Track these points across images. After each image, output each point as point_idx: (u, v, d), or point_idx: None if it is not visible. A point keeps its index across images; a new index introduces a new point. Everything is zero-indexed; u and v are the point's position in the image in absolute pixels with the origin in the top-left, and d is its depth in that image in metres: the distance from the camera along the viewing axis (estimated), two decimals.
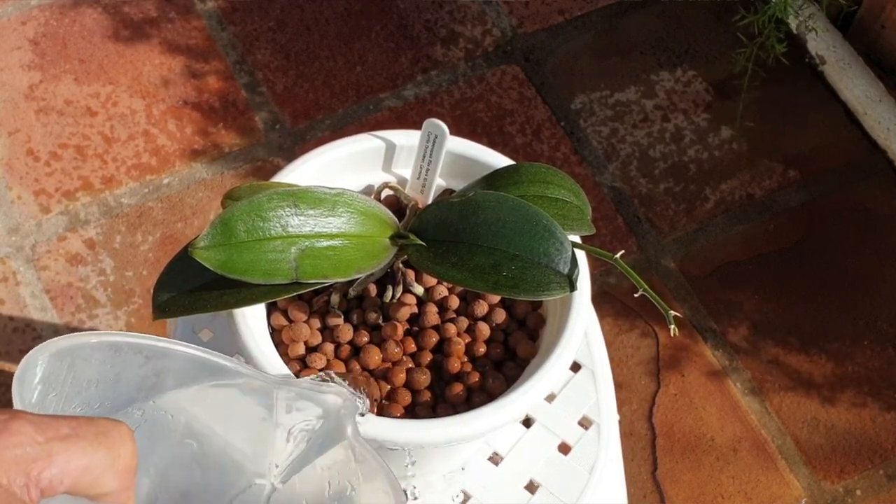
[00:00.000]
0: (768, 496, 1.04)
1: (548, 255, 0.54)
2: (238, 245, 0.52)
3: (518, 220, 0.54)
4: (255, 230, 0.53)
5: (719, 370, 1.10)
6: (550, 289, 0.53)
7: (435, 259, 0.55)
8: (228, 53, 1.26)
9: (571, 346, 0.58)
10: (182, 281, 0.55)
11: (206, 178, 1.19)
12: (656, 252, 1.16)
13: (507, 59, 1.27)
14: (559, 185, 0.59)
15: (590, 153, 1.21)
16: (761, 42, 1.15)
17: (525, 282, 0.53)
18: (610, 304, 1.12)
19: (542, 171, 0.59)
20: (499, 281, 0.53)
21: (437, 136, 0.61)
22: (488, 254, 0.54)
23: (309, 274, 0.54)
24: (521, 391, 0.56)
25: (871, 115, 1.22)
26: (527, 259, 0.53)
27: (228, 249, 0.52)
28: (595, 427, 0.67)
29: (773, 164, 1.22)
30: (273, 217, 0.53)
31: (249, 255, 0.53)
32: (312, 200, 0.54)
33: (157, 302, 0.56)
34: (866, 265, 1.16)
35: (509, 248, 0.54)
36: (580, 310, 0.59)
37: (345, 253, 0.55)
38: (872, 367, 1.10)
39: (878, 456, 1.06)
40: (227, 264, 0.52)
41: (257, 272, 0.53)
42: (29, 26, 1.28)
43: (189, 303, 0.55)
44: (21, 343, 1.09)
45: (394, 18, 1.30)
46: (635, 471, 1.05)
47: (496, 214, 0.54)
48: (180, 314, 0.55)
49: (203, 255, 0.52)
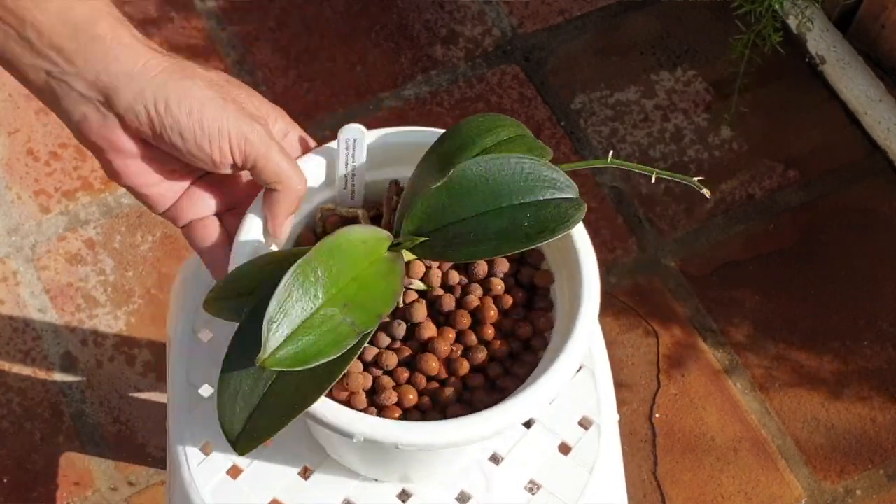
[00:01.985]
0: (768, 496, 1.04)
1: (552, 187, 0.54)
2: (297, 332, 0.50)
3: (506, 172, 0.54)
4: (302, 310, 0.51)
5: (719, 370, 1.10)
6: (571, 216, 0.53)
7: (450, 246, 0.54)
8: (228, 53, 1.26)
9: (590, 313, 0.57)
10: (244, 404, 0.52)
11: None
12: (657, 252, 1.16)
13: (507, 58, 1.27)
14: (504, 126, 0.58)
15: (590, 153, 1.21)
16: (758, 30, 1.15)
17: (548, 220, 0.53)
18: (610, 303, 1.12)
19: (485, 121, 0.58)
20: (528, 234, 0.53)
21: (357, 140, 0.59)
22: (499, 215, 0.54)
23: (367, 321, 0.52)
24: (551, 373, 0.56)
25: (871, 115, 1.22)
26: (536, 202, 0.53)
27: (292, 342, 0.50)
28: (595, 427, 0.67)
29: (774, 163, 1.22)
30: (306, 290, 0.51)
31: (310, 334, 0.50)
32: (323, 257, 0.52)
33: (236, 439, 0.52)
34: (866, 265, 1.16)
35: (514, 200, 0.54)
36: (590, 266, 0.59)
37: (377, 285, 0.53)
38: (872, 366, 1.10)
39: (878, 456, 1.06)
40: (299, 356, 0.50)
41: (328, 346, 0.50)
42: None
43: (271, 422, 0.51)
44: (21, 343, 1.09)
45: (394, 18, 1.30)
46: (636, 470, 1.05)
47: (484, 178, 0.54)
48: (268, 437, 0.51)
49: (278, 362, 0.49)
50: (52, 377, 1.08)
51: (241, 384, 0.52)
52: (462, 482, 0.66)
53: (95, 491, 1.03)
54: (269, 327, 0.49)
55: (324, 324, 0.51)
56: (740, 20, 1.16)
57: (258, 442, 0.51)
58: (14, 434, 1.05)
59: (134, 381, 1.07)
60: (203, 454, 0.65)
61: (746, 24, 1.16)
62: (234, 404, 0.52)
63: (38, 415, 1.06)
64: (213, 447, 0.66)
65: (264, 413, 0.51)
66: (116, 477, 1.04)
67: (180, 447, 0.65)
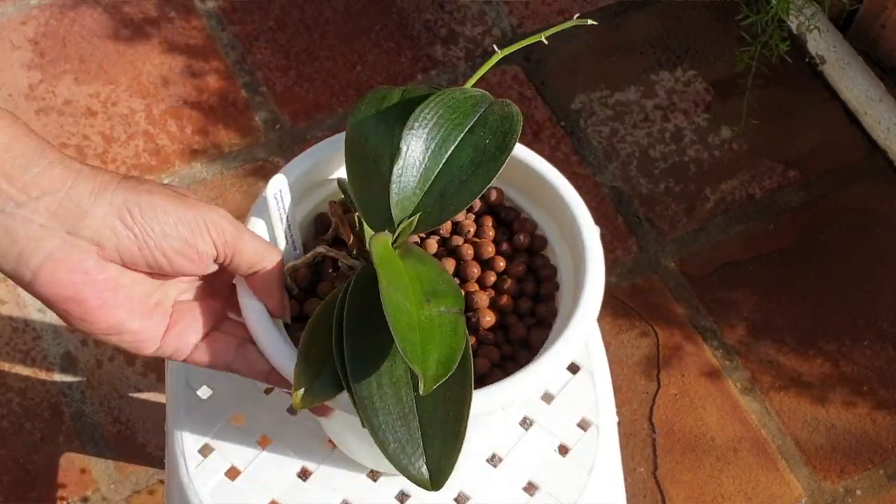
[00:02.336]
0: (768, 496, 1.04)
1: (476, 103, 0.57)
2: (427, 347, 0.49)
3: (441, 114, 0.56)
4: (421, 329, 0.50)
5: (719, 370, 1.10)
6: (509, 112, 0.56)
7: (444, 203, 0.55)
8: (228, 53, 1.26)
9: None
10: (413, 447, 0.50)
11: (205, 178, 1.19)
12: (656, 252, 1.16)
13: (507, 58, 1.27)
14: (390, 93, 0.60)
15: (590, 153, 1.21)
16: (764, 41, 1.15)
17: (498, 128, 0.56)
18: (609, 303, 1.12)
19: (374, 97, 0.59)
20: (497, 147, 0.55)
21: (282, 191, 0.58)
22: (462, 150, 0.56)
23: (456, 299, 0.53)
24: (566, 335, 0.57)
25: (872, 115, 1.22)
26: (477, 121, 0.56)
27: (431, 354, 0.49)
28: (594, 428, 0.67)
29: (774, 163, 1.22)
30: (402, 310, 0.50)
31: (434, 339, 0.49)
32: (386, 274, 0.52)
33: (431, 479, 0.51)
34: (866, 265, 1.16)
35: (462, 131, 0.56)
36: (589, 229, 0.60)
37: (428, 271, 0.54)
38: (873, 366, 1.10)
39: (878, 456, 1.06)
40: (443, 361, 0.49)
41: (453, 338, 0.50)
42: (29, 26, 1.28)
43: (446, 443, 0.50)
44: (21, 343, 1.09)
45: (394, 18, 1.29)
46: (636, 471, 1.05)
47: (428, 130, 0.56)
48: (456, 457, 0.51)
49: (436, 378, 0.48)
50: (52, 377, 1.08)
51: (397, 433, 0.50)
52: (461, 483, 0.66)
53: (95, 491, 1.03)
54: (413, 357, 0.47)
55: (432, 325, 0.50)
56: (745, 31, 1.16)
57: (450, 471, 0.50)
58: (14, 434, 1.05)
59: (134, 381, 1.08)
60: (201, 456, 0.65)
61: (752, 34, 1.16)
62: (405, 453, 0.50)
63: (38, 415, 1.06)
64: (212, 449, 0.66)
65: (434, 440, 0.50)
66: (116, 477, 1.04)
67: (179, 449, 0.65)
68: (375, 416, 0.50)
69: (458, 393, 0.50)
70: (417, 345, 0.48)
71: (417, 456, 0.50)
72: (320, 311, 0.53)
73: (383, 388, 0.50)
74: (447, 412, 0.50)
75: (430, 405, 0.50)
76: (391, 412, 0.50)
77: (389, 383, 0.50)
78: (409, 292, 0.51)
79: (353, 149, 0.57)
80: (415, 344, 0.48)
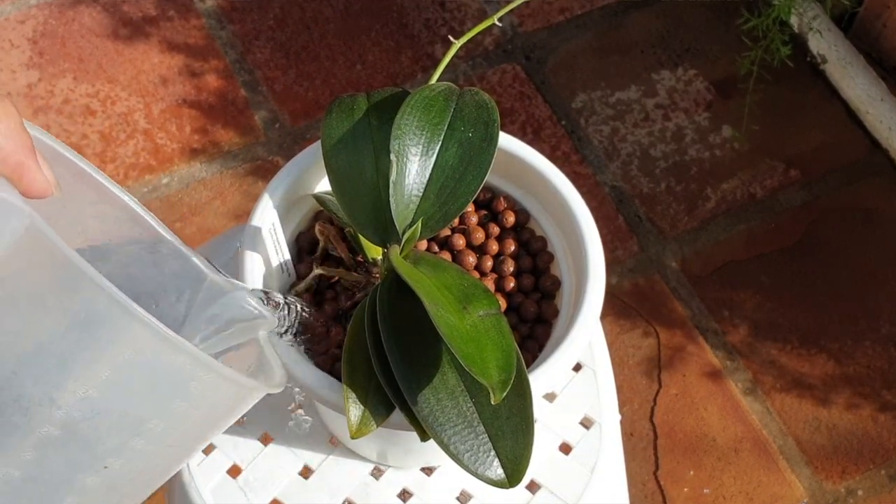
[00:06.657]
0: (770, 496, 1.04)
1: (447, 98, 0.58)
2: (485, 356, 0.49)
3: (418, 115, 0.56)
4: (476, 336, 0.50)
5: (720, 370, 1.10)
6: (483, 100, 0.58)
7: (444, 204, 0.55)
8: (228, 52, 1.26)
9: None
10: (484, 450, 0.50)
11: (205, 178, 1.18)
12: (657, 251, 1.16)
13: (508, 57, 1.27)
14: (355, 99, 0.60)
15: (591, 152, 1.21)
16: (766, 45, 1.15)
17: (477, 117, 0.57)
18: (610, 303, 1.12)
19: (341, 104, 0.59)
20: (482, 138, 0.56)
21: (274, 223, 0.57)
22: (448, 146, 0.56)
23: (491, 300, 0.52)
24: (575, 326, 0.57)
25: (873, 114, 1.22)
26: (453, 113, 0.57)
27: (491, 363, 0.49)
28: (596, 427, 0.67)
29: (775, 163, 1.21)
30: (450, 322, 0.49)
31: (487, 345, 0.49)
32: (419, 281, 0.51)
33: (510, 479, 0.50)
34: (868, 264, 1.16)
35: (444, 127, 0.57)
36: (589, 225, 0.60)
37: (454, 278, 0.53)
38: (874, 366, 1.10)
39: (879, 456, 1.06)
40: (502, 364, 0.49)
41: (499, 336, 0.50)
42: (28, 25, 1.27)
43: (516, 440, 0.50)
44: None
45: (394, 17, 1.29)
46: (637, 471, 1.05)
47: (413, 131, 0.56)
48: (529, 453, 0.50)
49: (503, 384, 0.47)
50: None
51: (467, 443, 0.50)
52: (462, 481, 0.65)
53: None
54: (477, 370, 0.47)
55: (478, 332, 0.49)
56: (746, 35, 1.16)
57: (525, 467, 0.50)
58: None
59: None
60: (203, 454, 0.65)
61: (752, 37, 1.16)
62: (479, 460, 0.50)
63: None
64: (213, 447, 0.65)
65: (502, 440, 0.50)
66: None
67: None
68: (443, 431, 0.49)
69: (516, 388, 0.50)
70: (476, 357, 0.47)
71: (491, 459, 0.50)
72: (351, 337, 0.53)
73: (442, 402, 0.50)
74: (510, 409, 0.50)
75: (491, 407, 0.50)
76: (456, 423, 0.50)
77: (446, 395, 0.50)
78: (445, 304, 0.50)
79: (336, 165, 0.57)
80: (473, 356, 0.47)
